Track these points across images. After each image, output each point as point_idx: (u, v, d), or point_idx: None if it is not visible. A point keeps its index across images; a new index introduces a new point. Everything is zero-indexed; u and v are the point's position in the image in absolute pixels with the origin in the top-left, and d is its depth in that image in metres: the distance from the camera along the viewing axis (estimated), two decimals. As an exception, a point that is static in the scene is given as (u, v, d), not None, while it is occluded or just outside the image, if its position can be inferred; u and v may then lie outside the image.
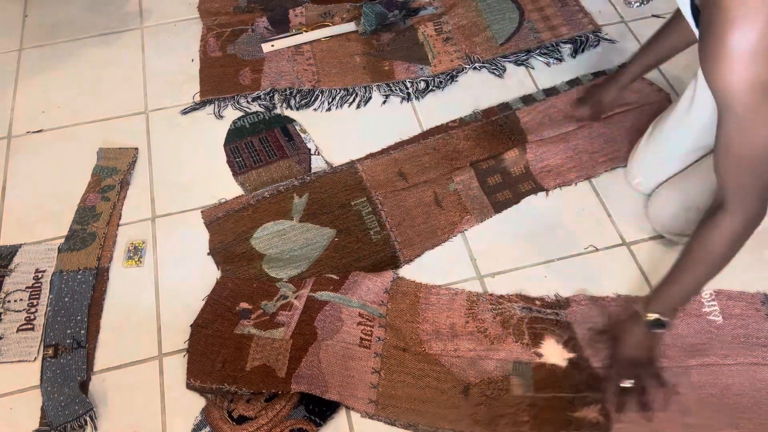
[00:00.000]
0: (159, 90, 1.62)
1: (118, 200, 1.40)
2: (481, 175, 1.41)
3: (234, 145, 1.50)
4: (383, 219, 1.35)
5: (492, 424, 1.09)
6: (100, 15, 1.81)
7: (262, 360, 1.16)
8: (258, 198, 1.39)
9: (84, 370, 1.17)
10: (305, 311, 1.22)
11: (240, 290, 1.25)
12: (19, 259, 1.32)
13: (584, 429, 1.09)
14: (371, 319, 1.22)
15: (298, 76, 1.62)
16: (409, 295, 1.25)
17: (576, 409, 1.11)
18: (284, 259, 1.30)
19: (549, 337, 1.19)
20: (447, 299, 1.25)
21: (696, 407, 1.10)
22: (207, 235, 1.35)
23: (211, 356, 1.16)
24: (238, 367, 1.15)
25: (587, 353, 1.16)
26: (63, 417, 1.11)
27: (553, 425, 1.09)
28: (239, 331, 1.20)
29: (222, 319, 1.21)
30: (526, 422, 1.10)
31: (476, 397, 1.13)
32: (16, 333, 1.22)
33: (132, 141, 1.52)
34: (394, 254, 1.31)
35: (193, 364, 1.16)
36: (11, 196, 1.44)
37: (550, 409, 1.11)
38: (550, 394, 1.12)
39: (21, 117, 1.58)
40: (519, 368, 1.15)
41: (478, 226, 1.36)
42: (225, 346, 1.18)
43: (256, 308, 1.23)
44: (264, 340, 1.18)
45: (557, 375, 1.14)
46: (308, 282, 1.25)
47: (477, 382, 1.14)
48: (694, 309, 1.21)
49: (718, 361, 1.15)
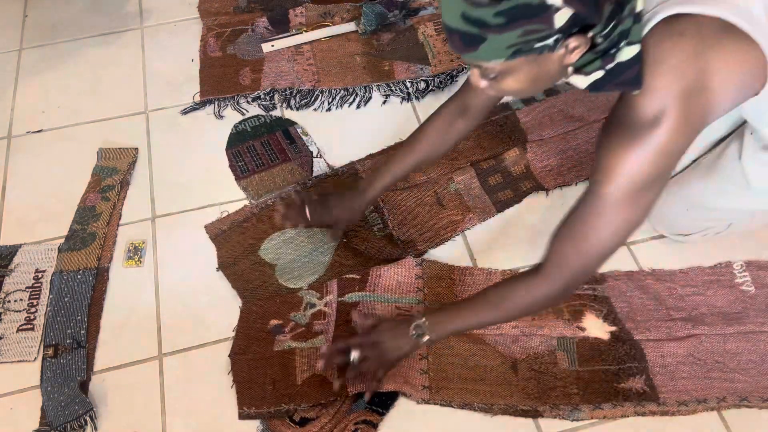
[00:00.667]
0: (159, 90, 1.62)
1: (118, 200, 1.40)
2: (481, 175, 1.41)
3: (236, 149, 1.50)
4: (386, 217, 1.35)
5: (543, 397, 1.12)
6: (100, 15, 1.81)
7: (311, 371, 1.15)
8: (261, 207, 1.38)
9: (84, 370, 1.17)
10: (340, 315, 1.22)
11: (265, 310, 1.24)
12: (19, 259, 1.32)
13: (631, 399, 1.12)
14: (409, 309, 1.22)
15: (298, 76, 1.62)
16: (443, 278, 1.26)
17: (622, 380, 1.14)
18: (297, 267, 1.30)
19: (589, 312, 1.22)
20: (483, 278, 1.26)
21: (740, 371, 1.14)
22: (207, 236, 1.35)
23: (258, 380, 1.15)
24: (290, 384, 1.14)
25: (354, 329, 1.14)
26: (63, 417, 1.11)
27: (601, 396, 1.12)
28: (279, 348, 1.19)
29: (257, 341, 1.20)
30: (575, 394, 1.13)
31: (525, 371, 1.15)
32: (16, 333, 1.22)
33: (132, 141, 1.52)
34: (401, 250, 1.31)
35: (243, 392, 1.14)
36: (11, 196, 1.44)
37: (597, 382, 1.14)
38: (595, 367, 1.15)
39: (21, 117, 1.59)
40: (564, 343, 1.18)
41: (480, 225, 1.36)
42: (270, 366, 1.17)
43: (287, 322, 1.22)
44: (307, 351, 1.18)
45: (601, 348, 1.17)
46: (331, 286, 1.25)
47: (524, 357, 1.16)
48: (726, 280, 1.25)
49: (755, 328, 1.18)
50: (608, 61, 0.80)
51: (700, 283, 1.25)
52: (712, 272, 1.27)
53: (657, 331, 1.18)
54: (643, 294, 1.24)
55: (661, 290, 1.24)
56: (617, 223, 0.89)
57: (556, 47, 0.76)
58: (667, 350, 1.17)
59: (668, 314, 1.21)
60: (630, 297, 1.24)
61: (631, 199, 0.87)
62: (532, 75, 0.81)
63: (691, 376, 1.14)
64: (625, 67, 0.80)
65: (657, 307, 1.22)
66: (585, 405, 1.11)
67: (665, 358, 1.16)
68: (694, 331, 1.18)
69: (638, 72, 0.80)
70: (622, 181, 0.86)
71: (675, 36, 0.81)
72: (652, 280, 1.26)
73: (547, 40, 0.75)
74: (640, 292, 1.24)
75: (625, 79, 0.81)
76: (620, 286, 1.25)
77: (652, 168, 0.84)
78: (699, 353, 1.16)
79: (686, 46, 0.81)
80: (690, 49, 0.81)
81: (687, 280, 1.26)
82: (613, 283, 1.25)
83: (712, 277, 1.26)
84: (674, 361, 1.15)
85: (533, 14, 0.72)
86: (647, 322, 1.20)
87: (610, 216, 0.88)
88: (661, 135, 0.82)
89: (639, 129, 0.83)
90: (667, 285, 1.25)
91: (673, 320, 1.20)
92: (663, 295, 1.23)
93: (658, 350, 1.17)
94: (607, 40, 0.77)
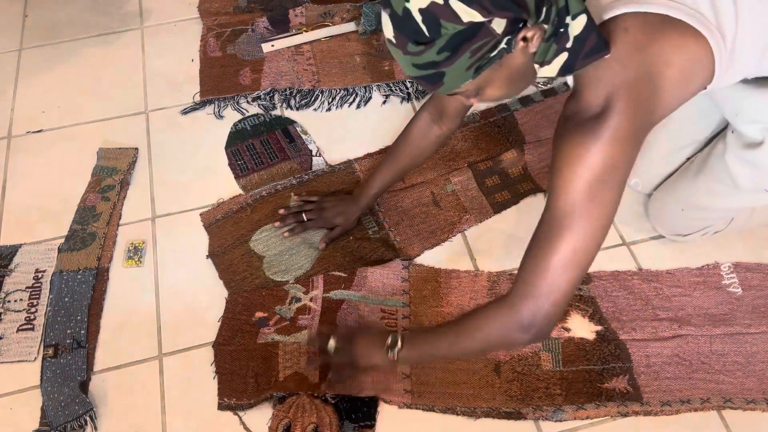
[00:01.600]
0: (159, 90, 1.62)
1: (118, 200, 1.40)
2: (478, 176, 1.42)
3: (235, 147, 1.50)
4: (381, 219, 1.35)
5: (526, 399, 1.12)
6: (100, 15, 1.81)
7: (293, 368, 1.15)
8: (255, 197, 1.39)
9: (84, 370, 1.17)
10: (324, 312, 1.22)
11: (251, 301, 1.24)
12: (19, 259, 1.32)
13: (615, 399, 1.12)
14: (394, 312, 1.22)
15: (298, 76, 1.62)
16: (429, 281, 1.26)
17: (605, 381, 1.14)
18: (284, 260, 1.30)
19: (574, 312, 1.22)
20: (468, 281, 1.26)
21: (725, 372, 1.14)
22: (207, 236, 1.35)
23: (240, 372, 1.15)
24: (271, 378, 1.14)
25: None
26: (63, 417, 1.11)
27: (584, 396, 1.12)
28: (262, 341, 1.19)
29: (242, 332, 1.20)
30: (558, 395, 1.12)
31: (508, 374, 1.15)
32: (16, 333, 1.22)
33: (132, 141, 1.52)
34: (395, 252, 1.31)
35: (224, 383, 1.15)
36: (11, 196, 1.44)
37: (580, 382, 1.14)
38: (579, 367, 1.15)
39: (21, 117, 1.58)
40: (548, 344, 1.18)
41: (479, 225, 1.36)
42: (252, 359, 1.17)
43: (272, 315, 1.22)
44: (291, 346, 1.18)
45: (586, 348, 1.18)
46: (317, 281, 1.25)
47: (507, 359, 1.16)
48: (713, 282, 1.25)
49: (742, 330, 1.19)
50: (564, 41, 0.81)
51: (687, 283, 1.25)
52: (699, 273, 1.27)
53: (642, 331, 1.19)
54: (629, 294, 1.24)
55: (647, 290, 1.24)
56: (580, 231, 0.83)
57: (512, 46, 0.78)
58: (652, 350, 1.17)
59: (654, 314, 1.21)
60: (616, 297, 1.24)
61: (592, 198, 0.82)
62: (506, 77, 0.82)
63: (675, 376, 1.14)
64: (582, 39, 0.81)
65: (643, 307, 1.22)
66: (568, 406, 1.11)
67: (650, 358, 1.16)
68: (680, 332, 1.18)
69: (598, 37, 0.81)
70: (578, 182, 0.82)
71: (620, 32, 0.84)
72: (639, 280, 1.26)
73: (498, 46, 0.76)
74: (626, 292, 1.24)
75: (589, 50, 0.81)
76: (606, 286, 1.25)
77: (607, 159, 0.82)
78: (684, 354, 1.16)
79: (630, 39, 0.83)
80: (634, 43, 0.83)
81: (674, 280, 1.26)
82: (599, 283, 1.25)
83: (699, 278, 1.26)
84: (659, 361, 1.15)
85: (470, 36, 0.74)
86: (633, 322, 1.20)
87: (570, 226, 0.83)
88: (611, 121, 0.82)
89: (588, 121, 0.83)
90: (653, 285, 1.25)
91: (659, 320, 1.20)
92: (649, 295, 1.24)
93: (643, 350, 1.17)
94: (550, 23, 0.78)
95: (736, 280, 1.25)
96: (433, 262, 1.30)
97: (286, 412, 1.10)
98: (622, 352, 1.16)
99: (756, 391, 1.12)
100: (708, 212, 1.22)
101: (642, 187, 1.36)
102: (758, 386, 1.13)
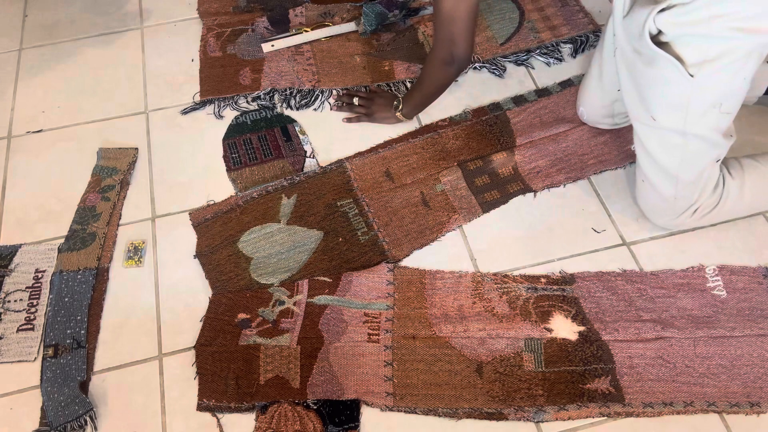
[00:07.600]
0: (159, 90, 1.62)
1: (118, 200, 1.40)
2: (468, 176, 1.42)
3: (232, 140, 1.50)
4: (370, 220, 1.35)
5: (508, 399, 1.12)
6: (100, 15, 1.81)
7: (274, 371, 1.15)
8: (246, 198, 1.39)
9: (84, 370, 1.17)
10: (307, 316, 1.22)
11: (234, 302, 1.24)
12: (19, 259, 1.32)
13: (596, 400, 1.12)
14: (377, 315, 1.22)
15: (298, 76, 1.62)
16: (414, 282, 1.26)
17: (588, 381, 1.14)
18: (272, 263, 1.30)
19: (557, 312, 1.22)
20: (452, 282, 1.26)
21: (709, 375, 1.14)
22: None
23: (221, 374, 1.15)
24: (253, 382, 1.14)
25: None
26: (63, 417, 1.11)
27: (566, 397, 1.12)
28: (244, 342, 1.19)
29: (224, 333, 1.20)
30: (540, 395, 1.12)
31: (490, 374, 1.15)
32: (16, 333, 1.22)
33: (132, 141, 1.52)
34: (382, 255, 1.31)
35: (205, 384, 1.15)
36: (11, 196, 1.44)
37: (562, 382, 1.14)
38: (561, 368, 1.15)
39: (21, 117, 1.59)
40: (530, 344, 1.18)
41: (478, 225, 1.36)
42: (234, 361, 1.17)
43: (254, 317, 1.22)
44: (272, 349, 1.18)
45: (568, 349, 1.17)
46: (302, 286, 1.25)
47: (489, 360, 1.16)
48: (698, 284, 1.25)
49: (726, 333, 1.18)
50: None
51: (671, 285, 1.25)
52: (684, 275, 1.26)
53: (625, 332, 1.18)
54: (613, 295, 1.24)
55: (631, 291, 1.24)
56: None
57: None
58: (635, 351, 1.16)
59: (638, 315, 1.21)
60: (599, 298, 1.23)
61: None
62: None
63: (659, 378, 1.14)
64: None
65: (626, 308, 1.22)
66: (550, 406, 1.11)
67: (633, 359, 1.15)
68: (664, 333, 1.17)
69: None
70: None
71: None
72: (623, 281, 1.26)
73: None
74: (609, 293, 1.24)
75: None
76: (589, 286, 1.25)
77: None
78: (668, 356, 1.16)
79: None
80: None
81: (658, 282, 1.25)
82: (582, 284, 1.25)
83: (683, 280, 1.25)
84: (642, 362, 1.15)
85: None
86: (616, 323, 1.20)
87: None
88: None
89: None
90: (637, 286, 1.25)
91: (643, 321, 1.19)
92: (633, 297, 1.23)
93: (626, 351, 1.16)
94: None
95: (721, 282, 1.25)
96: (432, 263, 1.30)
97: (269, 423, 1.10)
98: (605, 353, 1.16)
99: (740, 394, 1.11)
100: (674, 177, 1.20)
101: (586, 117, 1.45)
102: (742, 390, 1.12)
